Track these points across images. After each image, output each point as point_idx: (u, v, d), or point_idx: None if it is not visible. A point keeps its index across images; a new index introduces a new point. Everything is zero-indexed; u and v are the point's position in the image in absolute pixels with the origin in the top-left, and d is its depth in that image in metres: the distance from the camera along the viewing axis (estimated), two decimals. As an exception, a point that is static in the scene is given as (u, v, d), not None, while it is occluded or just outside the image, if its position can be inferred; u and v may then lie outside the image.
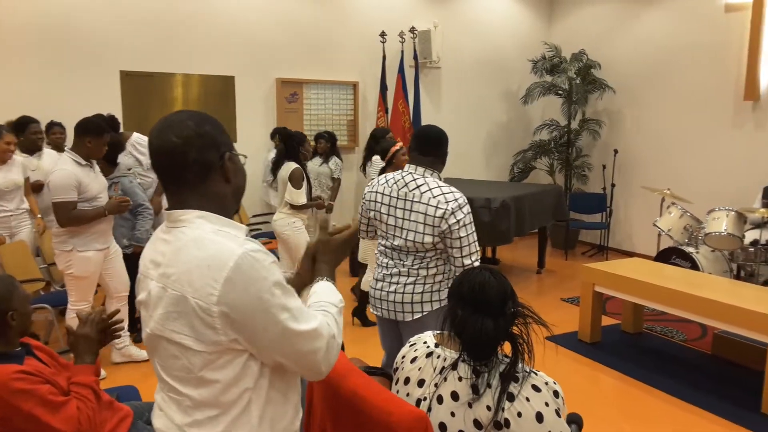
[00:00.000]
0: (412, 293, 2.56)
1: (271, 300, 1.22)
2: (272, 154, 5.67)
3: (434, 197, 2.48)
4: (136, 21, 5.86)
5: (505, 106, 8.20)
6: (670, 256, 5.22)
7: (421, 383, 1.64)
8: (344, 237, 1.57)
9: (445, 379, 1.57)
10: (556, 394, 1.54)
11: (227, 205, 1.34)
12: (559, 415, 1.52)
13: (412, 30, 7.12)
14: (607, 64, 7.37)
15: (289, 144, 4.70)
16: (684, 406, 3.42)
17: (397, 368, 1.75)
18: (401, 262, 2.59)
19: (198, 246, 1.24)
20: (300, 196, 4.52)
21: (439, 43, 7.29)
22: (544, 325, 1.57)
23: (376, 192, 2.66)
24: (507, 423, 1.47)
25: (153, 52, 5.97)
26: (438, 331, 1.73)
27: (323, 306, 1.40)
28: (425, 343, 1.72)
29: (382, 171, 4.18)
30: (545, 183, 7.61)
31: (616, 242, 7.44)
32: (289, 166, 4.58)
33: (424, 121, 7.12)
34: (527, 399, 1.50)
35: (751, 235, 5.15)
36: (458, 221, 2.45)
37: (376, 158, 4.96)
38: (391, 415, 1.53)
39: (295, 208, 4.57)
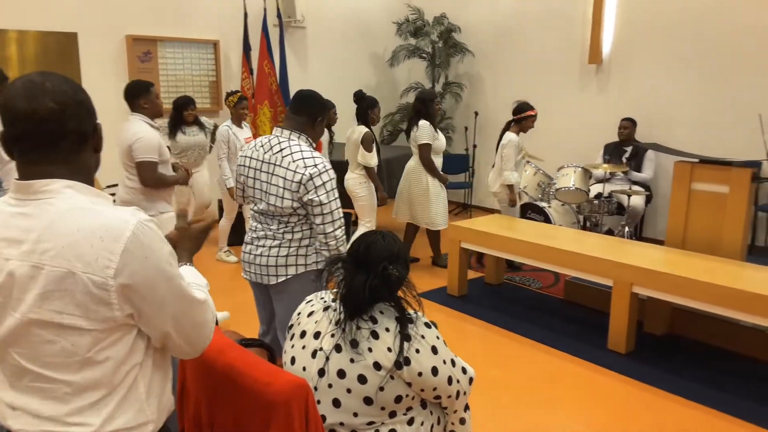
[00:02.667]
0: (277, 256, 2.57)
1: (170, 270, 1.21)
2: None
3: (294, 161, 2.47)
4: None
5: (373, 68, 8.23)
6: (526, 210, 5.61)
7: (317, 335, 1.72)
8: (201, 227, 1.59)
9: (344, 330, 1.66)
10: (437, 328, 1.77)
11: (92, 176, 1.28)
12: (445, 344, 1.73)
13: (275, -13, 6.85)
14: (467, 28, 7.62)
15: (360, 107, 4.90)
16: (542, 348, 3.73)
17: (293, 325, 1.81)
18: (267, 226, 2.59)
19: (82, 217, 1.15)
20: (372, 158, 4.78)
21: (303, 2, 7.10)
22: (411, 293, 1.73)
23: (245, 156, 2.64)
24: (407, 361, 1.61)
25: (-26, 2, 5.21)
26: (336, 289, 1.78)
27: (196, 287, 1.38)
28: (322, 298, 1.81)
29: (506, 128, 5.17)
30: (412, 145, 7.78)
31: (478, 200, 7.86)
32: (360, 130, 4.81)
33: (292, 82, 6.95)
34: (422, 336, 1.66)
35: (595, 189, 5.68)
36: (317, 188, 2.44)
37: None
38: (270, 385, 1.51)
39: (367, 169, 4.81)
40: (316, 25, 7.45)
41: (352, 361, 1.63)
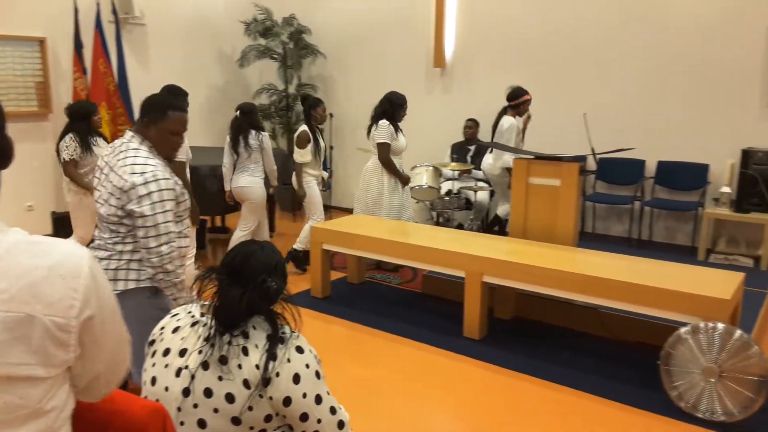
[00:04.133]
0: (106, 269, 2.37)
1: (114, 303, 1.14)
2: None
3: (123, 167, 2.33)
4: None
5: (221, 68, 7.95)
6: (383, 209, 5.75)
7: (183, 353, 1.59)
8: None
9: (212, 346, 1.55)
10: (317, 357, 1.64)
11: None
12: (319, 377, 1.60)
13: (108, -19, 6.36)
14: (317, 30, 7.64)
15: (304, 107, 5.21)
16: (404, 341, 3.86)
17: (154, 340, 1.67)
18: (101, 235, 2.44)
19: (34, 252, 1.00)
20: (304, 155, 5.02)
21: (141, -2, 6.67)
22: (289, 308, 1.67)
23: (102, 157, 2.51)
24: (268, 381, 1.53)
25: None
26: (206, 302, 1.67)
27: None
28: (190, 313, 1.68)
29: (503, 113, 5.30)
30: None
31: (337, 201, 7.93)
32: (299, 128, 5.10)
33: (132, 83, 6.50)
34: (288, 360, 1.55)
35: (445, 186, 5.97)
36: (140, 197, 2.29)
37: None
38: (123, 413, 1.40)
39: (296, 164, 5.07)
40: (157, 22, 7.04)
41: (220, 378, 1.53)
